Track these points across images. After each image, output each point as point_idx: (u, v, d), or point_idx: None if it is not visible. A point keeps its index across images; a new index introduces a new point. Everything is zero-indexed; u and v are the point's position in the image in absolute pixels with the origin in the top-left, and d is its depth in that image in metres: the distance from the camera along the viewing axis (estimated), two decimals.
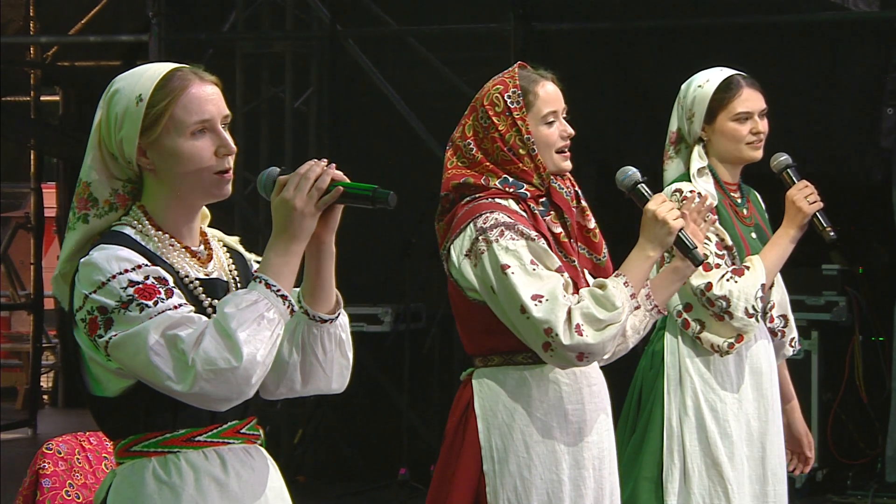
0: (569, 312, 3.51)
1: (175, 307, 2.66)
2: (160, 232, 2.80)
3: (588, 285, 3.68)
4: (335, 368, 2.88)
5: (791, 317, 4.58)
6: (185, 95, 2.77)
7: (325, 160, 2.77)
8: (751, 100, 4.40)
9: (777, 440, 4.42)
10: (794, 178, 4.42)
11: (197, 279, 2.79)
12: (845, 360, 8.36)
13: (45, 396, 12.80)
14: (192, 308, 2.69)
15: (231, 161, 2.81)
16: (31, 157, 11.71)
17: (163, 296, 2.66)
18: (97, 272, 2.68)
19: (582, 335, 3.50)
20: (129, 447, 2.77)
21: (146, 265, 2.69)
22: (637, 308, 3.63)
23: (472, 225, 3.63)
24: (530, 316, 3.51)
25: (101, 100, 2.82)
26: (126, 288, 2.65)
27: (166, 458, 2.75)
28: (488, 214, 3.62)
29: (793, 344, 4.58)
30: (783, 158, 4.47)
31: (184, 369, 2.61)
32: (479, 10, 8.96)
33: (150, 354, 2.62)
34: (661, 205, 3.67)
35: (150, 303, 2.64)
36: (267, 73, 9.81)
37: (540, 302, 3.51)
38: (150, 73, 2.79)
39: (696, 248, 3.71)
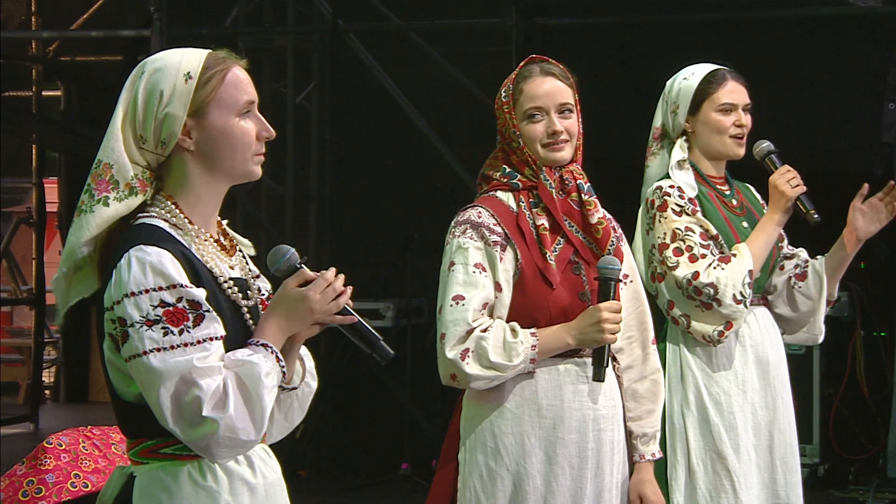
0: (468, 333, 3.57)
1: (198, 342, 2.62)
2: (195, 226, 2.76)
3: (569, 282, 3.69)
4: (275, 430, 2.93)
5: None
6: (232, 75, 2.78)
7: (343, 277, 2.80)
8: (735, 92, 4.40)
9: (788, 430, 4.41)
10: (776, 164, 4.43)
11: (231, 278, 2.78)
12: (847, 356, 8.35)
13: (47, 391, 12.79)
14: (218, 338, 2.66)
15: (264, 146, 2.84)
16: (33, 151, 11.70)
17: (190, 324, 2.62)
18: (132, 280, 2.63)
19: (464, 360, 3.56)
20: (158, 449, 2.72)
21: (181, 286, 2.64)
22: (529, 371, 3.62)
23: (457, 216, 3.73)
24: (440, 315, 3.60)
25: (131, 81, 2.76)
26: (156, 307, 2.61)
27: (201, 462, 2.71)
28: (470, 209, 3.71)
29: None
30: (765, 145, 4.47)
31: (193, 419, 2.59)
32: (481, 5, 8.95)
33: (161, 395, 2.59)
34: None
35: (176, 330, 2.61)
36: (268, 68, 9.81)
37: (457, 304, 3.57)
38: (193, 54, 2.78)
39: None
